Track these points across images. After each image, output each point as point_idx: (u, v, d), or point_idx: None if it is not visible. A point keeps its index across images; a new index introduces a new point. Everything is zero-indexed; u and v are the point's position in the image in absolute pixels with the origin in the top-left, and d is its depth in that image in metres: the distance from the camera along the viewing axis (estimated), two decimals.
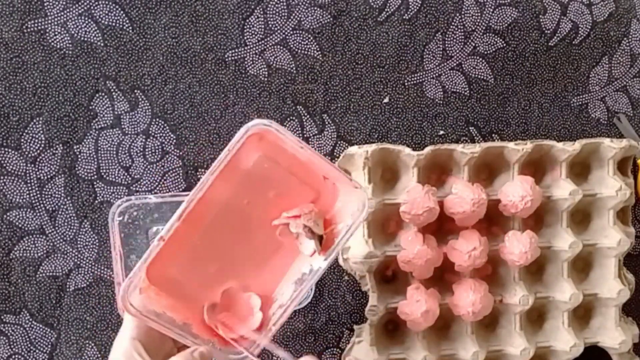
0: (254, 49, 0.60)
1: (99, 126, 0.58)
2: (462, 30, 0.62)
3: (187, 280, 0.50)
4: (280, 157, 0.49)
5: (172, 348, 0.48)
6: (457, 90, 0.62)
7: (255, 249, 0.51)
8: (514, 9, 0.63)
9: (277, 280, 0.51)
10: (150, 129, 0.59)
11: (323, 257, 0.49)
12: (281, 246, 0.51)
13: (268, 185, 0.50)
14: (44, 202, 0.58)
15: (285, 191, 0.50)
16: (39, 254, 0.58)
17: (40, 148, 0.57)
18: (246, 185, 0.49)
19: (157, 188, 0.59)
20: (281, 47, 0.60)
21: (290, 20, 0.60)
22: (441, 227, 0.61)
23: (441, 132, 0.62)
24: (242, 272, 0.50)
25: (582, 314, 0.64)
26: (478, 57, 0.63)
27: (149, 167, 0.59)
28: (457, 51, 0.62)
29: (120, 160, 0.59)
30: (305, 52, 0.60)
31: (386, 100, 0.62)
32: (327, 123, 0.61)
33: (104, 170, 0.58)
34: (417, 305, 0.57)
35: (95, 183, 0.58)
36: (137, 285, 0.46)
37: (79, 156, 0.58)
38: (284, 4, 0.60)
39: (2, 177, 0.57)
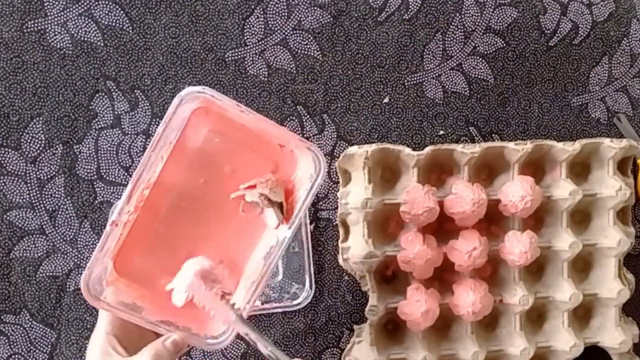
0: (254, 49, 0.60)
1: (99, 126, 0.58)
2: (462, 30, 0.62)
3: (156, 268, 0.49)
4: (230, 130, 0.48)
5: (155, 339, 0.47)
6: (457, 90, 0.62)
7: (220, 229, 0.50)
8: (514, 9, 0.63)
9: (245, 258, 0.50)
10: (150, 129, 0.59)
11: (287, 225, 0.48)
12: (246, 222, 0.50)
13: (222, 161, 0.49)
14: (44, 202, 0.58)
15: (242, 165, 0.49)
16: (39, 254, 0.58)
17: (40, 148, 0.57)
18: (199, 164, 0.48)
19: None
20: (281, 47, 0.60)
21: (290, 20, 0.60)
22: (441, 227, 0.61)
23: (441, 132, 0.62)
24: (210, 254, 0.49)
25: (582, 314, 0.64)
26: (478, 57, 0.63)
27: None
28: (457, 51, 0.62)
29: (120, 160, 0.59)
30: (305, 52, 0.60)
31: (386, 100, 0.62)
32: (327, 123, 0.61)
33: (104, 170, 0.58)
34: (417, 305, 0.57)
35: (95, 183, 0.58)
36: (103, 277, 0.45)
37: (79, 156, 0.58)
38: (284, 4, 0.60)
39: (2, 177, 0.57)
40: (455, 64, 0.62)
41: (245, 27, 0.59)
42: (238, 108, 0.45)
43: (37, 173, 0.58)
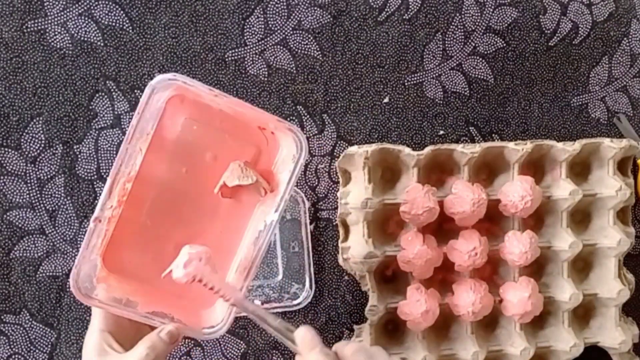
0: (254, 49, 0.60)
1: (99, 126, 0.58)
2: (462, 30, 0.62)
3: (146, 262, 0.48)
4: (208, 117, 0.47)
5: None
6: (457, 90, 0.62)
7: (207, 216, 0.49)
8: (514, 9, 0.63)
9: (236, 244, 0.50)
10: None
11: (274, 209, 0.48)
12: (232, 209, 0.49)
13: (203, 149, 0.48)
14: (44, 202, 0.58)
15: (223, 151, 0.48)
16: (39, 254, 0.58)
17: (40, 148, 0.57)
18: (180, 154, 0.48)
19: None
20: (281, 47, 0.60)
21: (290, 20, 0.60)
22: (441, 227, 0.61)
23: (441, 132, 0.62)
24: (200, 243, 0.48)
25: (582, 314, 0.64)
26: (478, 57, 0.63)
27: None
28: (457, 51, 0.62)
29: None
30: (305, 52, 0.60)
31: (386, 100, 0.62)
32: (327, 123, 0.61)
33: (104, 170, 0.58)
34: (417, 305, 0.57)
35: (95, 183, 0.58)
36: (93, 275, 0.45)
37: (79, 156, 0.58)
38: (284, 4, 0.60)
39: (2, 177, 0.57)
40: (455, 64, 0.62)
41: (245, 27, 0.59)
42: (211, 92, 0.44)
43: (37, 173, 0.58)
